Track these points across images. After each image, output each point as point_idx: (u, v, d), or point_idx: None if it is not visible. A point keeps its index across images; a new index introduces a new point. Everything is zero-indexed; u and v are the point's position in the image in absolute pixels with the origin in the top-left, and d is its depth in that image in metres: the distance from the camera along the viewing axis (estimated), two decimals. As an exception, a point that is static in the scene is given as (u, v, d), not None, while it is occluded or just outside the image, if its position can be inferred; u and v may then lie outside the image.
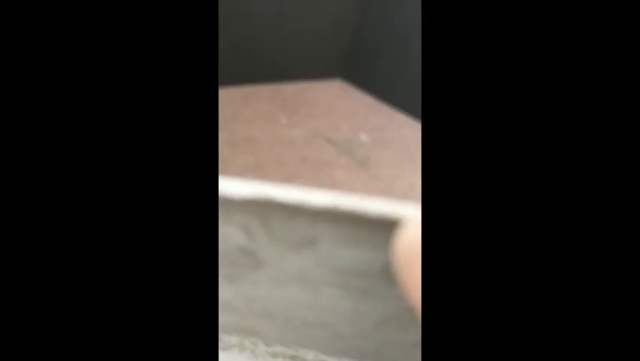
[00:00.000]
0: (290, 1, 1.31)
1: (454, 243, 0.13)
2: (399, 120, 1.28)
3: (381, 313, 0.13)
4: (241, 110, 1.25)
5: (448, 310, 0.12)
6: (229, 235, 0.13)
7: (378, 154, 1.12)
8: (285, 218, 0.12)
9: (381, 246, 0.11)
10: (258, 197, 0.12)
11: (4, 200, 0.15)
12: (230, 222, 0.12)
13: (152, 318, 0.14)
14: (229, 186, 0.12)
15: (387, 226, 0.11)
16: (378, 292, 0.12)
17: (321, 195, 0.12)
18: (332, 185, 0.94)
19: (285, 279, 0.13)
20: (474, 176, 0.13)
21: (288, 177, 0.97)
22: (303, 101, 1.36)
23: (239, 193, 0.12)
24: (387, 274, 0.12)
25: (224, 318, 0.14)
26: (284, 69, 1.41)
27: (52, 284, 0.15)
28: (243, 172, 0.95)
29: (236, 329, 0.14)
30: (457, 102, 0.14)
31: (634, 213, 0.13)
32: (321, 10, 1.36)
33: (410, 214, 0.11)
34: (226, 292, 0.13)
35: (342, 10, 1.39)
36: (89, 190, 0.15)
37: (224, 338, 0.14)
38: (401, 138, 1.21)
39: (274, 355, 0.14)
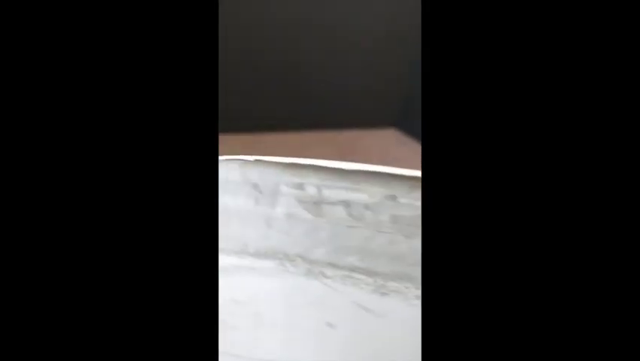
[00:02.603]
0: (349, 56, 1.40)
1: (454, 252, 0.14)
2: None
3: None
4: (301, 154, 1.31)
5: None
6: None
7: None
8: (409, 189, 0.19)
9: None
10: (388, 171, 0.20)
11: (3, 199, 0.15)
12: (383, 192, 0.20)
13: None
14: (374, 167, 0.20)
15: None
16: None
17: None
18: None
19: None
20: (476, 192, 0.14)
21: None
22: (357, 147, 1.42)
23: (383, 169, 0.20)
24: None
25: (390, 267, 0.21)
26: (340, 117, 1.48)
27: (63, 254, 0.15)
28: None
29: (399, 276, 0.21)
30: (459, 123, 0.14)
31: (633, 213, 0.13)
32: (377, 62, 1.44)
33: None
34: (402, 246, 0.20)
35: (397, 62, 1.46)
36: (91, 202, 0.15)
37: (387, 285, 0.21)
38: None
39: (418, 296, 0.21)
